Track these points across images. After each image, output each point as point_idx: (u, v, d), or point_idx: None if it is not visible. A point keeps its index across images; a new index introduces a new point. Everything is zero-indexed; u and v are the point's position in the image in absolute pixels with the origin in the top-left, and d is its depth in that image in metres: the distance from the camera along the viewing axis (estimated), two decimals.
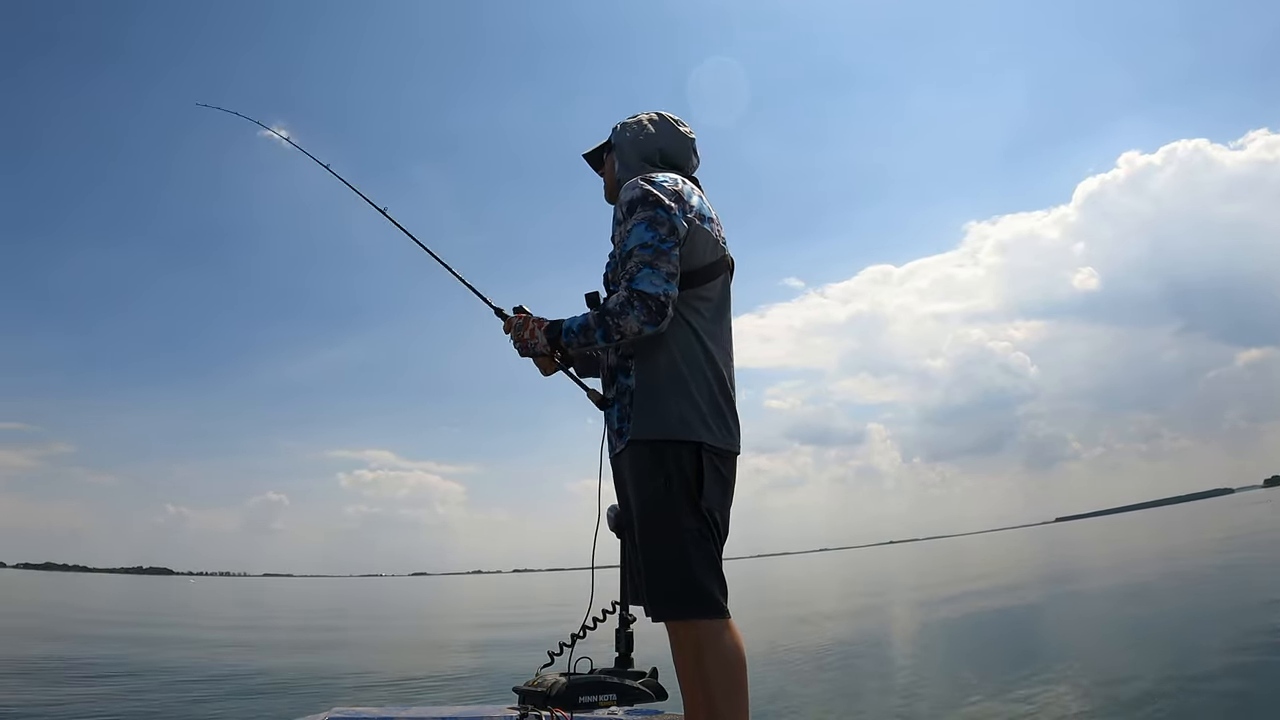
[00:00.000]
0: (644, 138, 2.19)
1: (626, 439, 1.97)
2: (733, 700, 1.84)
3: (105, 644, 11.54)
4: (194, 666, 8.77)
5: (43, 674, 7.73)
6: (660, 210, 1.95)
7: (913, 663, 7.36)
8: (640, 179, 2.03)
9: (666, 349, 1.95)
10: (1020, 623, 9.68)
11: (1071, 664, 6.41)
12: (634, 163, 2.17)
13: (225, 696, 6.54)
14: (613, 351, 2.05)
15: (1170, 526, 43.46)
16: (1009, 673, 5.95)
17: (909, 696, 5.54)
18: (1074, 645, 7.49)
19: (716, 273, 2.06)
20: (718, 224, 2.11)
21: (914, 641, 9.03)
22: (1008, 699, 5.07)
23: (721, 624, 1.86)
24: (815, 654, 8.13)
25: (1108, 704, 4.79)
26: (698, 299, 2.01)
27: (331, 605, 30.51)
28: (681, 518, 1.88)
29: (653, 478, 1.90)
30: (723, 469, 1.97)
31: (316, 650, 11.81)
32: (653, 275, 1.90)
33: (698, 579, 1.86)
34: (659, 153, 2.18)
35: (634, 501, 1.97)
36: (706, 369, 1.97)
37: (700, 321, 2.00)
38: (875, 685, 6.16)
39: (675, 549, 1.87)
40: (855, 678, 6.51)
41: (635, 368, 1.98)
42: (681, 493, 1.88)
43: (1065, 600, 12.37)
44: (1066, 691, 5.24)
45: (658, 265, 1.91)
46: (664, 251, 1.92)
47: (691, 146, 2.23)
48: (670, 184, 2.03)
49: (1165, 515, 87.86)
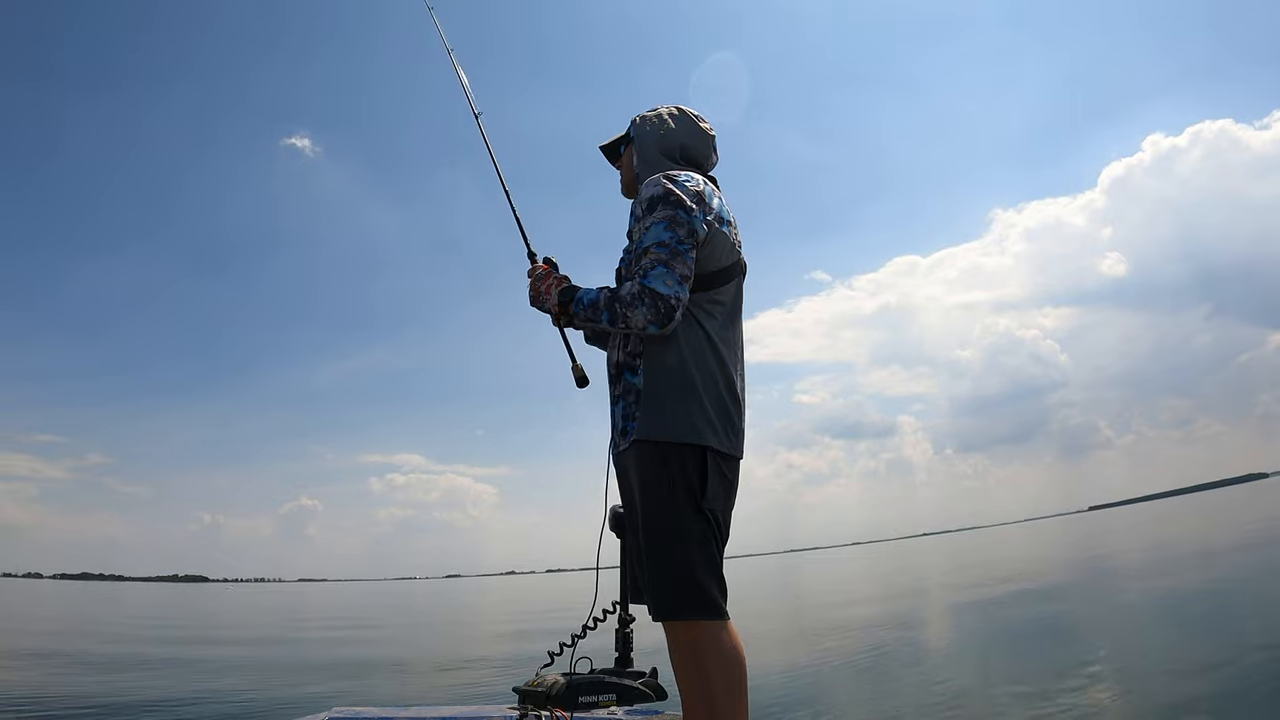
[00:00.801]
0: (665, 133, 2.16)
1: (631, 438, 1.96)
2: (732, 700, 1.83)
3: (135, 646, 11.77)
4: (217, 667, 8.92)
5: (81, 670, 7.89)
6: (681, 211, 1.94)
7: (949, 658, 7.22)
8: (663, 176, 2.01)
9: (677, 350, 1.94)
10: (1057, 616, 9.43)
11: (1114, 657, 6.24)
12: (654, 158, 2.15)
13: (246, 694, 6.64)
14: (620, 348, 2.03)
15: (1206, 513, 42.51)
16: (1048, 669, 5.80)
17: (947, 694, 5.42)
18: (1114, 637, 7.31)
19: (731, 276, 2.04)
20: (735, 227, 2.09)
21: (950, 636, 8.88)
22: (1048, 698, 4.95)
23: (720, 625, 1.86)
24: (848, 651, 8.02)
25: (1152, 700, 4.66)
26: (711, 302, 2.00)
27: (364, 608, 30.87)
28: (684, 519, 1.87)
29: (657, 479, 1.90)
30: (726, 472, 1.96)
31: (345, 646, 11.95)
32: (667, 275, 1.89)
33: (698, 580, 1.85)
34: (680, 149, 2.16)
35: (638, 501, 1.96)
36: (716, 373, 1.96)
37: (712, 324, 1.99)
38: (910, 682, 6.05)
39: (677, 550, 1.87)
40: (887, 676, 6.39)
41: (644, 367, 1.96)
42: (685, 494, 1.88)
43: (1102, 591, 12.14)
44: (1108, 687, 5.11)
45: (673, 266, 1.90)
46: (680, 253, 1.91)
47: (712, 144, 2.21)
48: (692, 185, 2.00)
49: (1199, 502, 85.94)
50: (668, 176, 2.01)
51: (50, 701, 6.22)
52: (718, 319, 2.00)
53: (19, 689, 7.03)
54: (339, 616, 23.81)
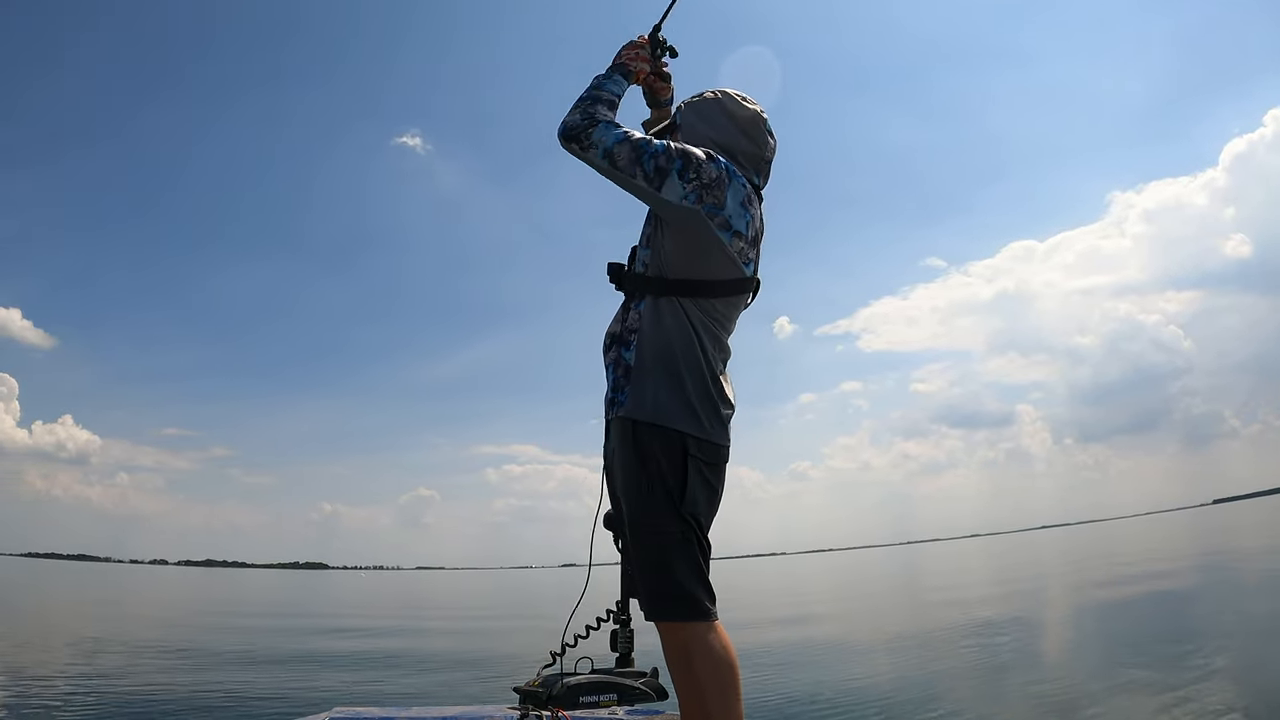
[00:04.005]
0: (714, 125, 2.07)
1: (616, 411, 1.97)
2: (724, 700, 1.83)
3: (260, 631, 12.67)
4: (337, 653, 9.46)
5: (188, 658, 8.56)
6: (698, 159, 1.91)
7: (1072, 658, 6.81)
8: (702, 151, 1.95)
9: (665, 334, 1.95)
10: (1181, 617, 8.74)
11: (1238, 659, 5.84)
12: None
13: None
14: (620, 320, 2.05)
15: None
16: (1171, 672, 5.43)
17: (1069, 692, 5.18)
18: (1239, 639, 6.79)
19: (727, 291, 2.00)
20: (749, 244, 2.00)
21: (1072, 635, 8.39)
22: (1172, 697, 4.67)
23: (707, 626, 1.86)
24: (962, 648, 7.76)
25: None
26: (704, 307, 1.99)
27: (482, 594, 32.01)
28: (665, 521, 1.88)
29: (637, 476, 1.91)
30: (709, 475, 1.95)
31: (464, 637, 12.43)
32: (639, 138, 1.90)
33: (681, 582, 1.86)
34: (732, 143, 2.06)
35: (622, 500, 1.98)
36: (701, 363, 1.96)
37: (700, 319, 1.98)
38: (1027, 678, 5.84)
39: (659, 551, 1.88)
40: (1005, 673, 6.13)
41: (636, 344, 1.98)
42: (663, 497, 1.88)
43: (1229, 589, 11.19)
44: (1229, 686, 4.81)
45: (626, 129, 1.92)
46: (649, 138, 1.92)
47: (763, 127, 2.10)
48: (721, 170, 1.93)
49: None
50: (707, 153, 1.95)
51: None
52: (708, 316, 1.99)
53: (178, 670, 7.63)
54: (469, 605, 24.52)
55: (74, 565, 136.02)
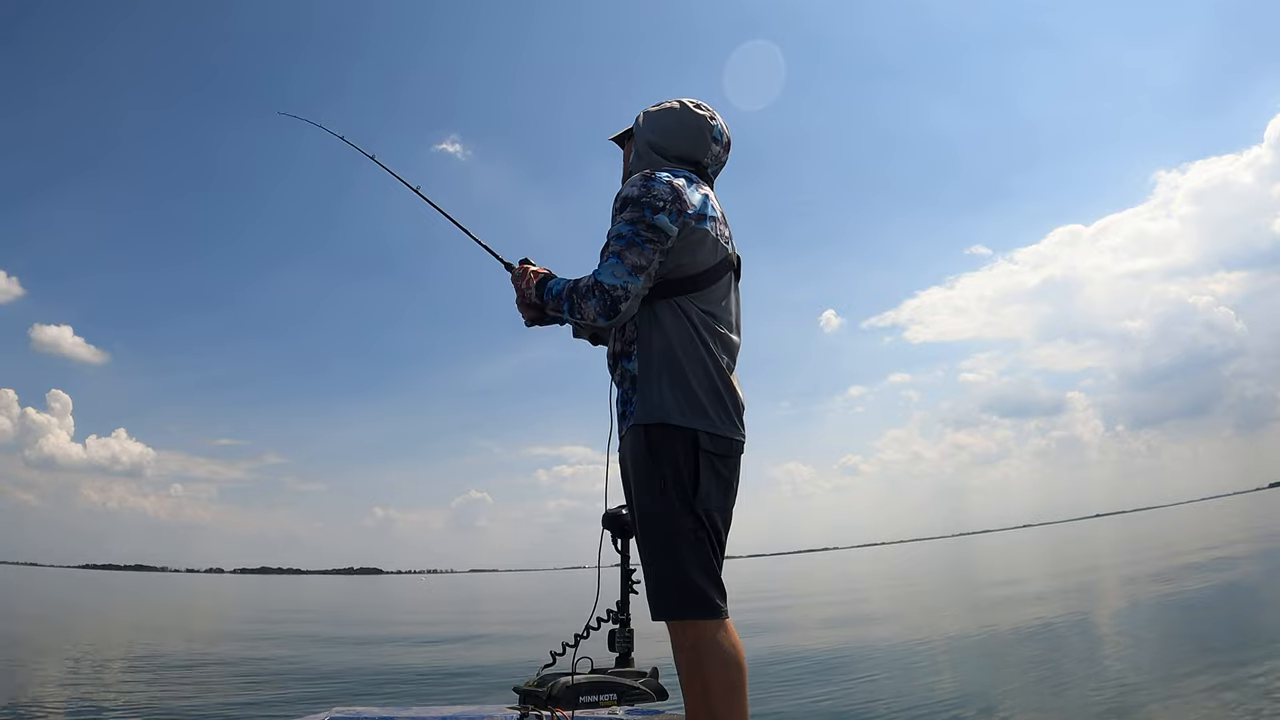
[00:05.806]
0: (658, 129, 2.18)
1: (629, 423, 2.01)
2: (730, 699, 1.84)
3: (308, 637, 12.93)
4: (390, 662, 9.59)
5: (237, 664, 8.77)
6: (647, 210, 1.95)
7: (1138, 662, 6.47)
8: (639, 176, 2.03)
9: (664, 337, 1.98)
10: (1250, 608, 8.31)
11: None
12: (644, 153, 2.18)
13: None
14: (617, 339, 2.09)
15: None
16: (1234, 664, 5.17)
17: (1123, 686, 5.01)
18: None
19: (717, 276, 2.06)
20: (722, 223, 2.10)
21: (1136, 634, 7.89)
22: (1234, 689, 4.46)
23: (718, 624, 1.88)
24: (1016, 640, 7.54)
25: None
26: (702, 301, 2.02)
27: (537, 595, 32.21)
28: (677, 519, 1.90)
29: (650, 476, 1.93)
30: (721, 468, 1.97)
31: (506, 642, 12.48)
32: (617, 266, 1.92)
33: (692, 580, 1.88)
34: (671, 146, 2.16)
35: (634, 499, 2.01)
36: (706, 359, 1.98)
37: (698, 315, 2.01)
38: (1085, 671, 5.66)
39: (670, 549, 1.90)
40: (1067, 684, 5.89)
41: (637, 353, 2.02)
42: (677, 494, 1.90)
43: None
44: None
45: (624, 257, 1.93)
46: (636, 244, 1.93)
47: (710, 135, 2.18)
48: (666, 181, 2.01)
49: None
50: (644, 175, 2.02)
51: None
52: (706, 310, 2.02)
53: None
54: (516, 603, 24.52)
55: (130, 576, 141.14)
